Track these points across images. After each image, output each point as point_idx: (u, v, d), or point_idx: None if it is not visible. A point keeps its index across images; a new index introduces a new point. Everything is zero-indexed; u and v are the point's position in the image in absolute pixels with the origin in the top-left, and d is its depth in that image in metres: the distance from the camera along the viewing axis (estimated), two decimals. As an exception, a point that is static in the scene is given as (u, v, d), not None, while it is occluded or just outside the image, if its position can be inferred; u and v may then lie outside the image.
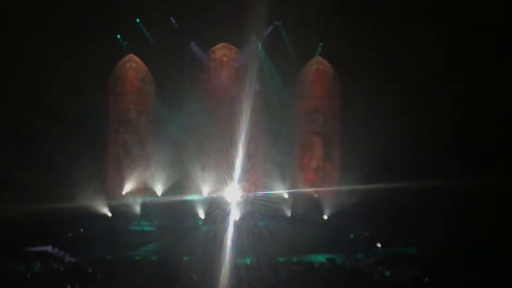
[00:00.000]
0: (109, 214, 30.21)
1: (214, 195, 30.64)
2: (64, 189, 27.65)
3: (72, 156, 29.05)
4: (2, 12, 28.54)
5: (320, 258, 26.76)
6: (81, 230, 28.46)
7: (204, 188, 31.32)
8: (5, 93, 29.18)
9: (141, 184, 32.51)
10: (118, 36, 32.34)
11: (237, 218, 28.33)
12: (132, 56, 33.19)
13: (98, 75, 31.78)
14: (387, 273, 24.12)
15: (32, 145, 29.16)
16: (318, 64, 33.42)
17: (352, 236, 28.82)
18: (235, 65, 33.43)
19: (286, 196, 31.45)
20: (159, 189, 32.12)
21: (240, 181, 29.43)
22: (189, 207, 30.43)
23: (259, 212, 28.78)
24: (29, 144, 29.16)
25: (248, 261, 24.65)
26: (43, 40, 29.28)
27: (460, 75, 28.81)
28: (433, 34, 28.86)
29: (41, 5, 28.61)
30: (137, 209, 30.91)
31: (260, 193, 30.72)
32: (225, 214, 27.99)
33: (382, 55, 30.04)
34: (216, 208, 28.86)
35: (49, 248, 27.08)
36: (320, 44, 32.58)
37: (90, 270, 23.25)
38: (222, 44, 33.35)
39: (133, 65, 33.30)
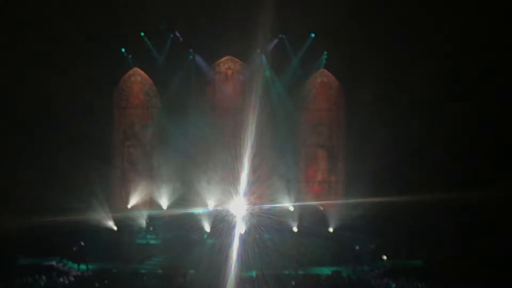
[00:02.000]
0: (115, 227, 30.17)
1: (219, 208, 30.58)
2: (70, 202, 27.72)
3: (77, 169, 29.09)
4: (9, 24, 28.66)
5: (326, 270, 26.75)
6: (82, 243, 28.37)
7: (209, 201, 31.23)
8: (11, 105, 29.26)
9: (147, 197, 32.51)
10: (123, 49, 32.38)
11: (242, 231, 28.29)
12: (137, 69, 33.24)
13: (103, 89, 31.88)
14: (393, 286, 24.16)
15: (37, 157, 29.14)
16: (322, 77, 33.46)
17: (357, 248, 28.73)
18: (240, 78, 33.46)
19: (291, 209, 31.38)
20: (164, 202, 32.08)
21: (245, 194, 29.43)
22: (194, 220, 30.34)
23: (265, 225, 28.75)
24: (34, 156, 29.17)
25: (254, 273, 24.64)
26: (49, 53, 29.36)
27: (468, 86, 28.83)
28: (440, 46, 28.82)
29: (48, 17, 28.68)
30: (143, 222, 30.84)
31: (265, 206, 30.67)
32: (231, 227, 27.98)
33: (387, 67, 30.05)
34: (222, 221, 28.85)
35: (54, 262, 27.13)
36: (325, 53, 32.59)
37: (96, 284, 23.31)
38: (227, 57, 33.41)
39: (138, 78, 33.36)
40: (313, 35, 32.33)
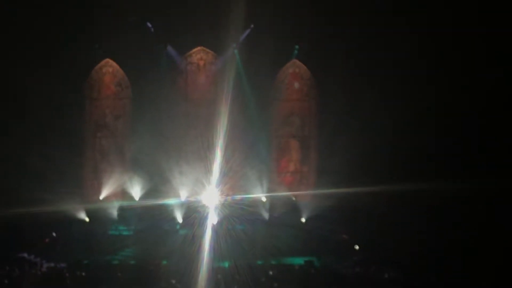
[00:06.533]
0: (87, 219, 30.08)
1: (192, 199, 30.54)
2: (41, 194, 27.44)
3: (49, 161, 28.87)
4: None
5: (298, 260, 26.84)
6: (54, 234, 28.30)
7: (182, 192, 31.14)
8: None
9: (119, 188, 32.27)
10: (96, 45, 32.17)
11: (215, 221, 28.31)
12: (108, 60, 32.96)
13: (74, 79, 31.63)
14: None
15: (8, 148, 28.88)
16: (294, 67, 33.43)
17: (329, 238, 28.85)
18: (212, 69, 33.36)
19: (264, 199, 31.43)
20: (136, 193, 31.91)
21: (218, 184, 29.45)
22: (167, 211, 30.29)
23: (237, 215, 28.79)
24: (6, 148, 28.90)
25: (226, 264, 24.69)
26: (20, 43, 29.16)
27: (440, 76, 28.96)
28: (413, 35, 28.88)
29: (16, 8, 28.49)
30: (115, 213, 30.77)
31: (238, 196, 30.67)
32: (203, 218, 27.99)
33: (360, 57, 30.15)
34: (194, 212, 28.85)
35: (25, 254, 26.97)
36: (297, 46, 32.64)
37: (67, 275, 23.21)
38: (199, 47, 33.26)
39: (109, 69, 33.10)
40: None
